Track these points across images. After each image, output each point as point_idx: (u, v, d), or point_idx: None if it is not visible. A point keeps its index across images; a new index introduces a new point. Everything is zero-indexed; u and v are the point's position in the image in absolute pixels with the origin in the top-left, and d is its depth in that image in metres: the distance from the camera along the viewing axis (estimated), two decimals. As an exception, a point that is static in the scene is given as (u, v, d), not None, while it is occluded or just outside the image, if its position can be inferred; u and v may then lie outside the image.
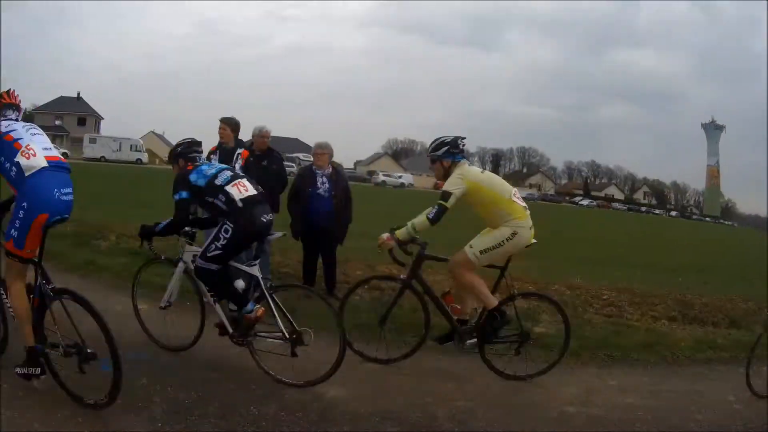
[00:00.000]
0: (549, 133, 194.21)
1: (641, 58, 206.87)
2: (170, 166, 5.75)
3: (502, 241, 5.60)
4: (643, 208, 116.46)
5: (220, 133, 7.78)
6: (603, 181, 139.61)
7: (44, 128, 5.01)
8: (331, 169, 8.00)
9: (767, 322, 7.04)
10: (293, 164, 54.72)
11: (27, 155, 4.14)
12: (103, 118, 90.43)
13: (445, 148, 5.78)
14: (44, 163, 4.18)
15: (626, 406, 5.54)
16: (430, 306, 5.90)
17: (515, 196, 5.74)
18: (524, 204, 5.80)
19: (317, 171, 7.91)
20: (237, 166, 7.22)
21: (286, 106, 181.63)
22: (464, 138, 5.82)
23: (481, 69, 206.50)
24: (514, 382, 5.79)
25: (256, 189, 5.31)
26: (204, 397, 4.72)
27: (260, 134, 8.07)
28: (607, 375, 6.35)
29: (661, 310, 9.13)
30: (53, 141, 7.05)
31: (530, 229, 5.71)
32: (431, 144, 5.97)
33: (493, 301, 5.65)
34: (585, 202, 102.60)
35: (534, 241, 5.80)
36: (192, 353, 5.66)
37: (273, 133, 8.42)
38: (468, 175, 5.65)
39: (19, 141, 4.20)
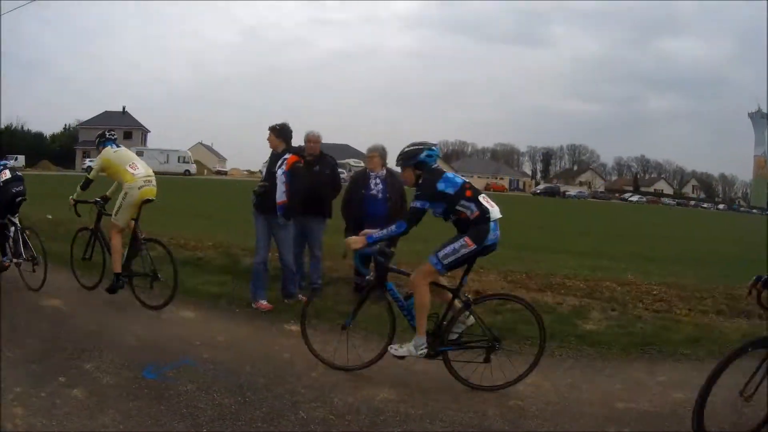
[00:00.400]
0: (598, 129, 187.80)
1: (684, 46, 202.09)
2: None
3: None
4: (692, 202, 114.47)
5: (268, 141, 7.80)
6: (653, 176, 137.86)
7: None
8: (385, 171, 7.86)
9: None
10: (344, 170, 55.24)
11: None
12: (149, 131, 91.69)
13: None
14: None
15: (675, 401, 5.40)
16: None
17: None
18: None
19: (370, 173, 7.83)
20: (280, 172, 7.27)
21: (335, 111, 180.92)
22: None
23: (527, 65, 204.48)
24: (567, 380, 5.73)
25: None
26: (251, 401, 4.76)
27: (308, 139, 8.03)
28: (656, 370, 6.23)
29: (709, 303, 9.02)
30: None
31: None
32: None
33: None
34: (635, 198, 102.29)
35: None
36: (237, 359, 5.73)
37: (324, 140, 8.33)
38: None
39: None
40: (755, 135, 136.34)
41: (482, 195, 5.38)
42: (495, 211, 5.29)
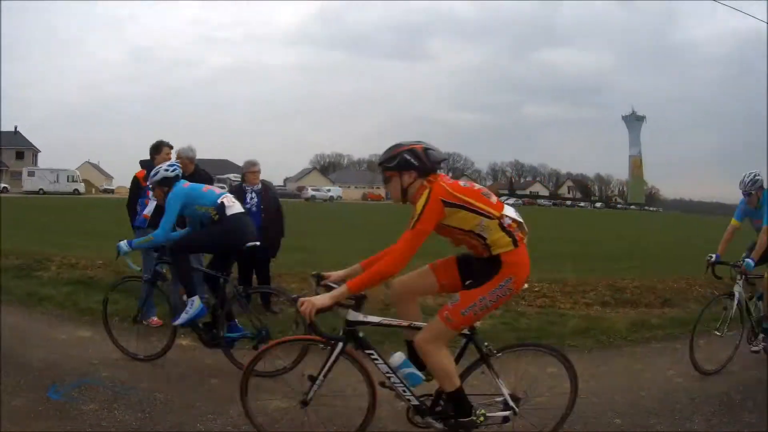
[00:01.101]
0: (474, 137, 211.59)
1: (563, 56, 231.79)
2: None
3: None
4: (568, 202, 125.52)
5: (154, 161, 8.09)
6: (527, 179, 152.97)
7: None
8: (260, 185, 8.67)
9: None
10: (224, 185, 56.14)
11: None
12: (39, 151, 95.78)
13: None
14: None
15: (567, 390, 5.98)
16: None
17: None
18: None
19: (246, 187, 8.59)
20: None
21: (219, 127, 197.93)
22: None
23: (407, 79, 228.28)
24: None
25: None
26: (152, 417, 5.08)
27: (178, 156, 8.33)
28: (544, 363, 6.79)
29: (593, 296, 10.01)
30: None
31: None
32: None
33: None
34: (510, 201, 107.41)
35: None
36: (134, 375, 6.08)
37: (204, 156, 8.69)
38: None
39: None
40: (630, 136, 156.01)
41: None
42: None
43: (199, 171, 8.56)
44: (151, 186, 6.63)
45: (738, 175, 7.08)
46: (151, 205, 7.80)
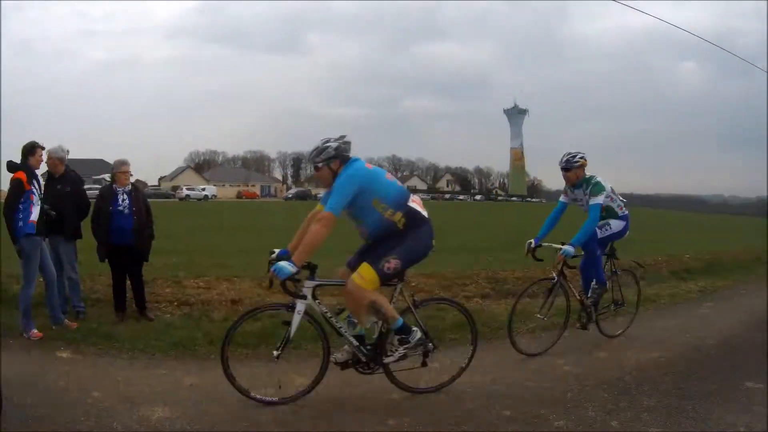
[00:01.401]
0: (351, 132, 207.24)
1: (445, 49, 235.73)
2: None
3: None
4: (447, 195, 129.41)
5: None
6: (405, 174, 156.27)
7: None
8: (130, 186, 8.64)
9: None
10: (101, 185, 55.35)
11: None
12: None
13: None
14: None
15: (452, 385, 6.09)
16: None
17: None
18: None
19: (117, 189, 8.52)
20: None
21: (94, 125, 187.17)
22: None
23: (285, 73, 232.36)
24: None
25: None
26: None
27: (48, 157, 8.21)
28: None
29: (473, 289, 10.10)
30: None
31: None
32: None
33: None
34: None
35: None
36: (19, 391, 5.62)
37: (78, 155, 8.44)
38: None
39: None
40: (511, 129, 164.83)
41: None
42: None
43: (69, 172, 8.46)
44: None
45: (623, 165, 7.45)
46: (37, 210, 7.56)
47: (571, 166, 7.81)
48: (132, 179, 8.69)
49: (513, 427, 5.14)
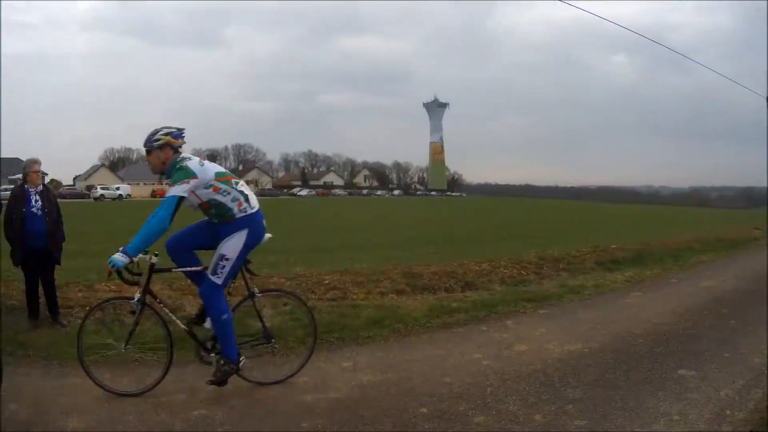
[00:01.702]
0: (267, 127, 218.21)
1: (364, 44, 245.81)
2: None
3: None
4: (365, 191, 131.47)
5: None
6: (321, 169, 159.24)
7: None
8: (42, 187, 8.56)
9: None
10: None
11: None
12: None
13: None
14: None
15: (365, 384, 6.07)
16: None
17: None
18: None
19: (30, 189, 8.43)
20: None
21: (9, 121, 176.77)
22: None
23: (200, 67, 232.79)
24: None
25: None
26: None
27: None
28: (339, 358, 6.89)
29: (388, 285, 10.14)
30: None
31: None
32: None
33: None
34: (303, 192, 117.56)
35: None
36: None
37: None
38: None
39: None
40: (431, 123, 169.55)
41: None
42: None
43: None
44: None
45: (549, 158, 7.38)
46: None
47: (151, 147, 5.85)
48: (47, 179, 8.38)
49: (431, 425, 5.11)
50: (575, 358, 6.87)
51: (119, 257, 5.37)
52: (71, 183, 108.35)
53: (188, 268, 6.05)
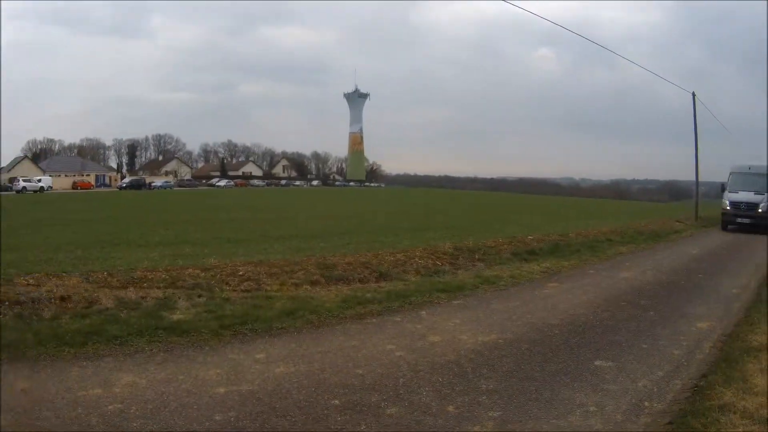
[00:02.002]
0: (187, 118, 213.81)
1: (286, 34, 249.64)
2: None
3: None
4: (283, 182, 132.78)
5: None
6: (240, 159, 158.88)
7: None
8: None
9: None
10: None
11: None
12: None
13: None
14: None
15: (278, 376, 6.01)
16: None
17: None
18: None
19: None
20: None
21: None
22: None
23: (123, 57, 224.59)
24: (162, 375, 6.00)
25: None
26: None
27: None
28: (252, 349, 6.80)
29: (301, 276, 10.11)
30: None
31: None
32: None
33: None
34: (222, 183, 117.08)
35: None
36: None
37: None
38: None
39: None
40: (351, 114, 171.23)
41: None
42: None
43: None
44: None
45: (468, 150, 7.38)
46: None
47: None
48: None
49: (343, 416, 5.09)
50: (489, 348, 6.91)
51: None
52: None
53: None
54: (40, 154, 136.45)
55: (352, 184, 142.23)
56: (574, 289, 10.79)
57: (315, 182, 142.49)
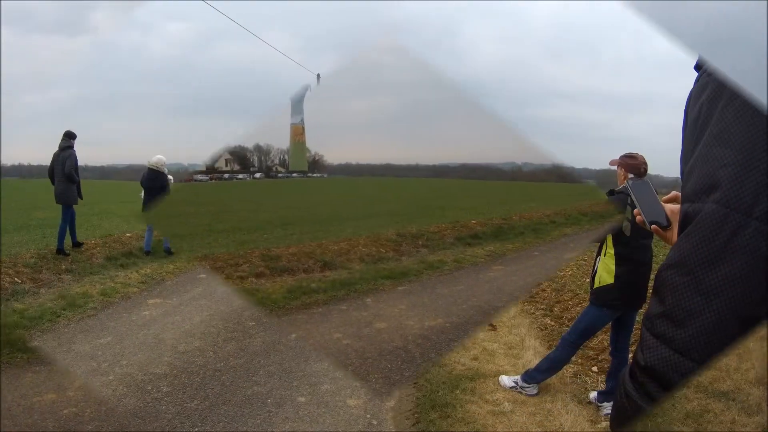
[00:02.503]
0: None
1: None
2: None
3: None
4: (226, 175, 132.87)
5: None
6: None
7: None
8: None
9: None
10: None
11: None
12: None
13: None
14: None
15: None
16: None
17: None
18: None
19: None
20: None
21: None
22: None
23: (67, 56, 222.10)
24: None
25: None
26: None
27: None
28: None
29: (246, 269, 10.06)
30: None
31: None
32: None
33: None
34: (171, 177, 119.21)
35: None
36: None
37: None
38: None
39: None
40: (292, 105, 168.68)
41: None
42: None
43: None
44: None
45: (408, 137, 7.49)
46: None
47: None
48: None
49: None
50: (436, 333, 6.95)
51: None
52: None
53: None
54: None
55: (295, 175, 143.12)
56: (518, 271, 10.86)
57: (258, 174, 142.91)
